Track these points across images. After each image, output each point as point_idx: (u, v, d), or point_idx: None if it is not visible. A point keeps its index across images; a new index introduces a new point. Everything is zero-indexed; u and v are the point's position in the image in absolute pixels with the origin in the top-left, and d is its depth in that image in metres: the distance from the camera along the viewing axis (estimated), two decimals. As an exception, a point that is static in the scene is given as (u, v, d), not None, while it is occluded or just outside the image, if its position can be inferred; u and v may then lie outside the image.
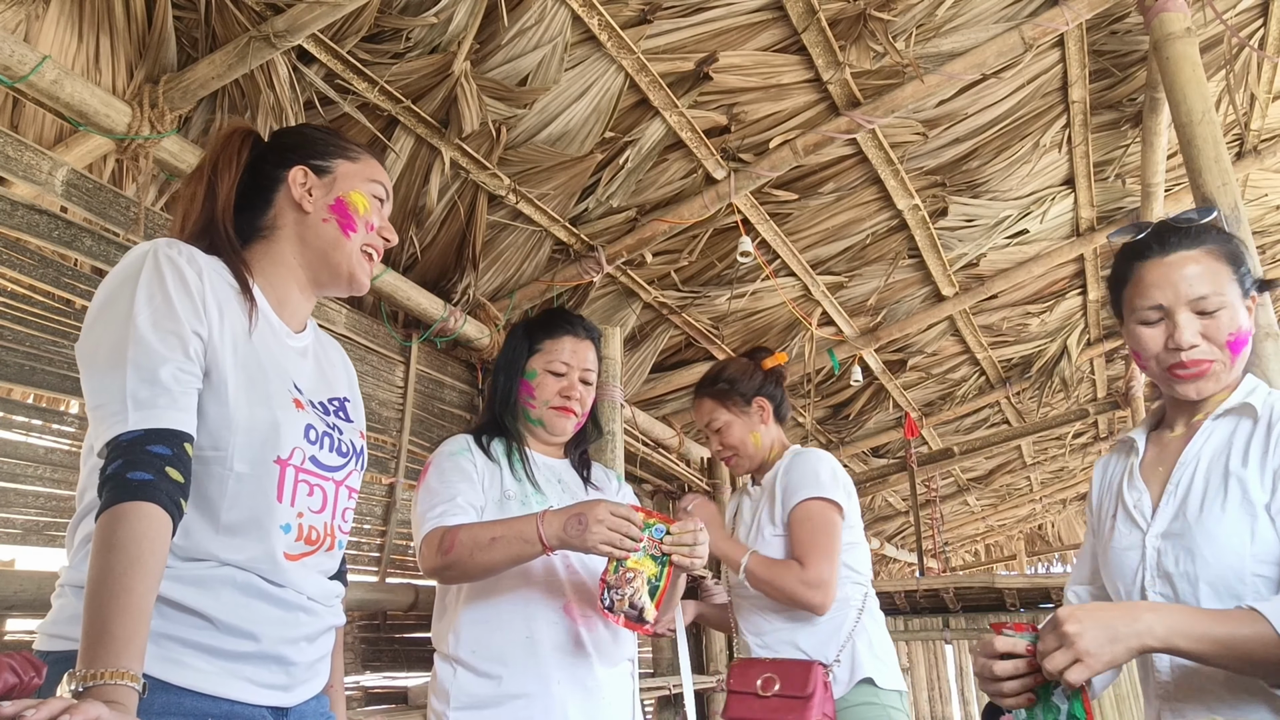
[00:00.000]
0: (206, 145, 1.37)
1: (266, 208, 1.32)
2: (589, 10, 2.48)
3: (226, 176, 1.30)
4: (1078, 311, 5.51)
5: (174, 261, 1.15)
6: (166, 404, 1.07)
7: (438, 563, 1.67)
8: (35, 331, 1.90)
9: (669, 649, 4.58)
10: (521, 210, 3.01)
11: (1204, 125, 2.45)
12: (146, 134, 2.03)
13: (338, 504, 1.29)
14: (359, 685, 2.67)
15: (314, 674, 1.26)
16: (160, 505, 1.02)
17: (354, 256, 1.34)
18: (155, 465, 1.03)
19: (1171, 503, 1.38)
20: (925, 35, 2.98)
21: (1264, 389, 1.40)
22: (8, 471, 1.84)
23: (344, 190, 1.34)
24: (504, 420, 1.93)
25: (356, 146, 1.40)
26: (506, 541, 1.62)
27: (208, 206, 1.29)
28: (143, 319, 1.10)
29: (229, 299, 1.21)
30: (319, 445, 1.25)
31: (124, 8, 2.06)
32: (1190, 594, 1.30)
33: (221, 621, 1.12)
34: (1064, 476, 9.43)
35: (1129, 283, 1.43)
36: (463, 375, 3.38)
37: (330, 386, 1.35)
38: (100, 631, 0.95)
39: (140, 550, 0.99)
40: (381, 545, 2.88)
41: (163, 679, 1.07)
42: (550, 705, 1.67)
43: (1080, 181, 4.14)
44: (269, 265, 1.31)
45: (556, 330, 1.95)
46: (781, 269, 3.97)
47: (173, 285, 1.13)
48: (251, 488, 1.16)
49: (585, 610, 1.77)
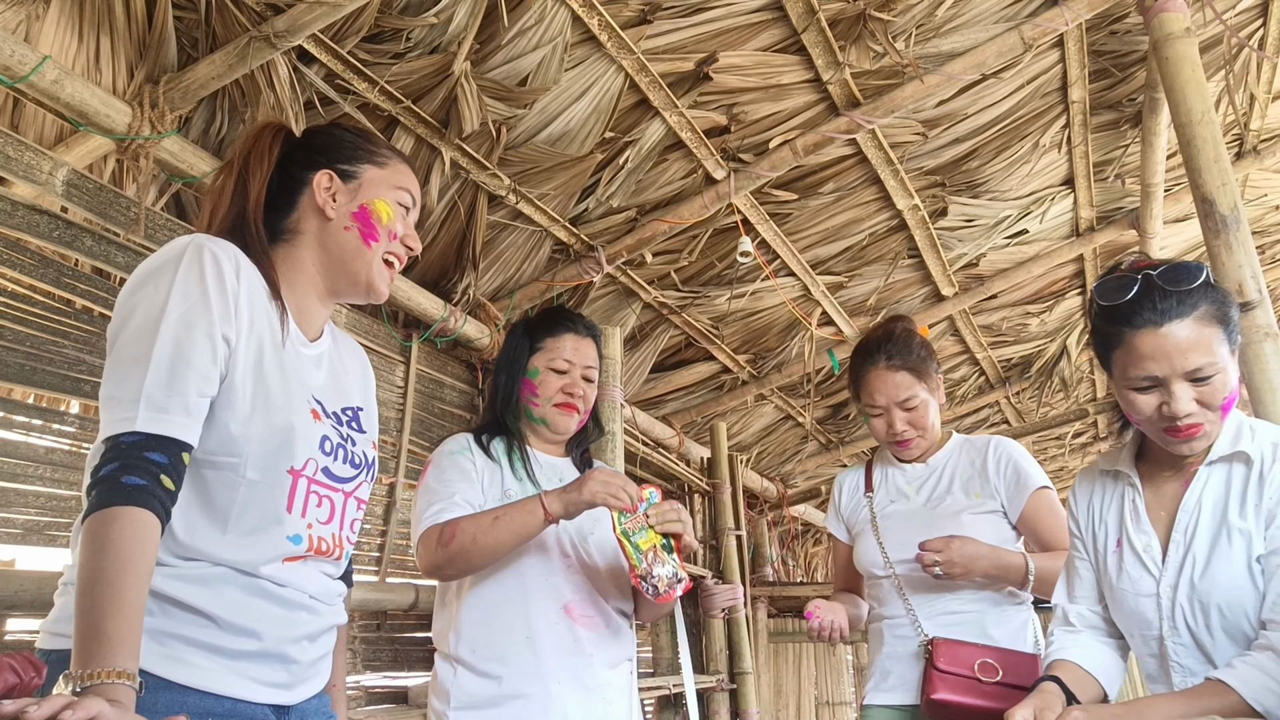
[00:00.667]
0: (238, 140, 1.34)
1: (290, 209, 1.30)
2: (589, 10, 2.48)
3: (259, 173, 1.27)
4: (1077, 311, 5.51)
5: (216, 257, 1.14)
6: (179, 411, 1.06)
7: (438, 557, 1.67)
8: (35, 331, 1.90)
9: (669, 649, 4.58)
10: (521, 210, 3.01)
11: (1204, 125, 2.45)
12: (147, 134, 2.03)
13: (345, 515, 1.28)
14: (359, 685, 2.67)
15: (315, 672, 1.27)
16: (152, 511, 1.01)
17: (374, 265, 1.32)
18: (151, 472, 1.03)
19: (1179, 551, 1.42)
20: (925, 35, 2.98)
21: (1249, 430, 1.42)
22: (8, 471, 1.84)
23: (368, 198, 1.31)
24: (505, 419, 1.93)
25: (387, 151, 1.37)
26: (509, 518, 1.65)
27: (237, 202, 1.26)
28: (175, 315, 1.09)
29: (261, 304, 1.19)
30: (333, 457, 1.24)
31: (124, 8, 2.06)
32: (1210, 644, 1.37)
33: (224, 620, 1.12)
34: (1064, 476, 9.43)
35: (1119, 348, 1.41)
36: (463, 375, 3.38)
37: (345, 395, 1.34)
38: (95, 632, 0.95)
39: (132, 553, 0.98)
40: (381, 545, 2.88)
41: (166, 677, 1.07)
42: (550, 705, 1.67)
43: (1080, 181, 4.14)
44: (289, 270, 1.29)
45: (558, 328, 1.95)
46: (781, 269, 3.97)
47: (212, 282, 1.12)
48: (262, 496, 1.15)
49: (585, 610, 1.77)
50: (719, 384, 4.74)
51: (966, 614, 2.00)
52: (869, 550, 2.11)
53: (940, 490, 2.10)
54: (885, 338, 2.12)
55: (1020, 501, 2.03)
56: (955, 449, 2.16)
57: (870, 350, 2.12)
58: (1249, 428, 1.44)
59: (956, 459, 2.13)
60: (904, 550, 2.03)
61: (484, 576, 1.75)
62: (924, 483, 2.13)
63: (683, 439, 4.74)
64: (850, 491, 2.26)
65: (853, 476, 2.29)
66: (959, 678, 1.84)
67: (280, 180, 1.30)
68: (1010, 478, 2.06)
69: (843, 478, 2.31)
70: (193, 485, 1.13)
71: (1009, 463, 2.07)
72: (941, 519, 2.04)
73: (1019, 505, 2.03)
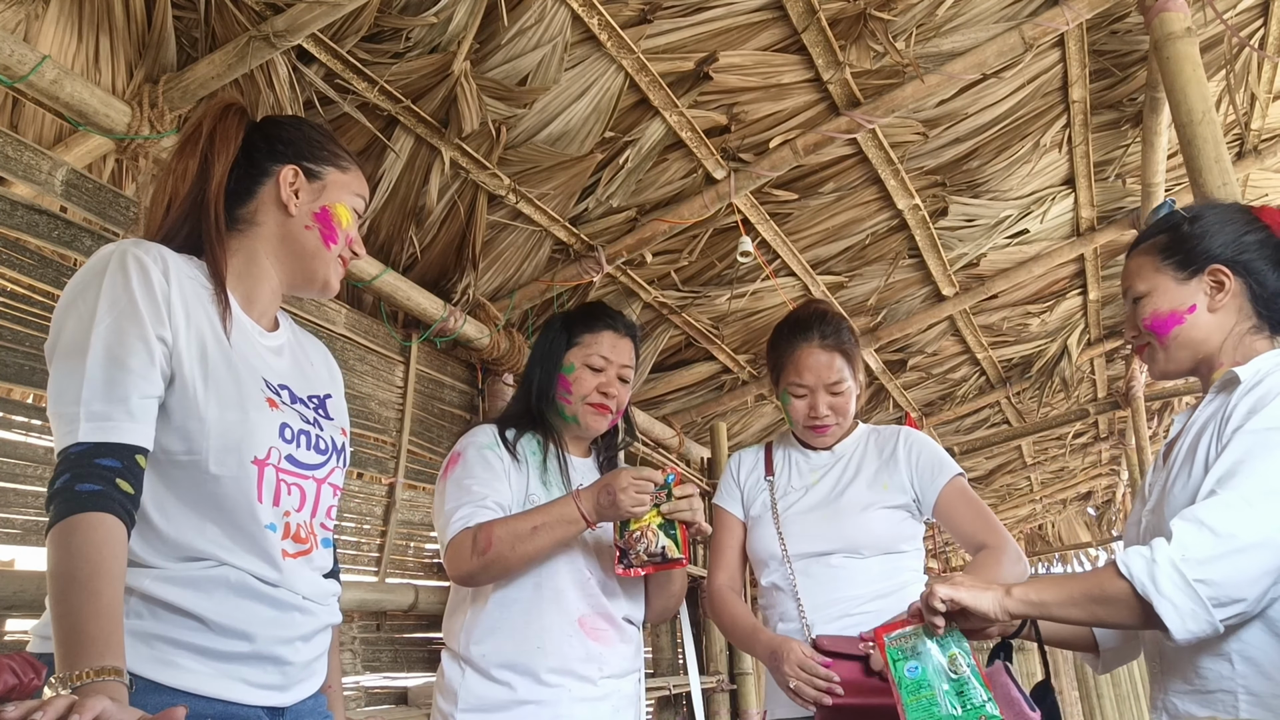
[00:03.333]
0: (194, 118, 1.31)
1: (248, 198, 1.28)
2: (589, 10, 2.48)
3: (224, 155, 1.25)
4: (1078, 311, 5.51)
5: (140, 262, 1.12)
6: (121, 416, 1.05)
7: (473, 565, 1.64)
8: (35, 331, 1.90)
9: (669, 649, 4.58)
10: (521, 210, 3.01)
11: (1204, 125, 2.45)
12: (146, 134, 2.03)
13: (319, 502, 1.27)
14: (359, 685, 2.67)
15: (310, 673, 1.26)
16: (113, 514, 1.00)
17: (332, 265, 1.33)
18: (104, 477, 1.02)
19: (1159, 478, 1.47)
20: (925, 35, 2.98)
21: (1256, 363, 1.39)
22: (8, 471, 1.84)
23: (330, 200, 1.31)
24: (543, 414, 1.88)
25: (348, 155, 1.37)
26: (549, 527, 1.65)
27: (198, 185, 1.24)
28: (105, 325, 1.08)
29: (197, 300, 1.18)
30: (295, 444, 1.23)
31: (124, 8, 2.06)
32: None
33: (215, 622, 1.11)
34: (1064, 476, 9.43)
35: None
36: (463, 375, 3.38)
37: (309, 384, 1.33)
38: (76, 634, 0.94)
39: (101, 555, 0.98)
40: (381, 545, 2.88)
41: (156, 680, 1.06)
42: (558, 714, 1.67)
43: (1080, 181, 4.14)
44: (242, 261, 1.27)
45: (597, 325, 1.89)
46: (781, 269, 3.97)
47: (138, 287, 1.11)
48: (231, 489, 1.14)
49: (597, 623, 1.76)
50: (719, 384, 4.73)
51: (864, 615, 1.83)
52: (766, 539, 1.97)
53: (845, 480, 1.98)
54: (818, 316, 1.99)
55: (934, 492, 1.94)
56: (862, 438, 2.05)
57: (802, 327, 1.97)
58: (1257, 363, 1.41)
59: (864, 449, 2.03)
60: (802, 542, 1.92)
61: (500, 584, 1.74)
62: (828, 471, 2.01)
63: (683, 439, 4.74)
64: (749, 471, 2.10)
65: (751, 456, 2.13)
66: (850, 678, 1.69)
67: (241, 166, 1.28)
68: (923, 468, 1.95)
69: (740, 455, 2.15)
70: (167, 485, 1.12)
71: (920, 453, 1.97)
72: (846, 513, 1.93)
73: (932, 496, 1.94)
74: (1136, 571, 1.21)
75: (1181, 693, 1.35)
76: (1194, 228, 1.48)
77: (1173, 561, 1.19)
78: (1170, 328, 1.47)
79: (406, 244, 2.90)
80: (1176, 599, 1.18)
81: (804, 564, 1.92)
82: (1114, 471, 9.34)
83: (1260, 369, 1.35)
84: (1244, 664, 1.28)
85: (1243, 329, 1.43)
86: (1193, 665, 1.33)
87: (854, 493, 1.95)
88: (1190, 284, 1.46)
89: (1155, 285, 1.48)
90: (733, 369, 4.55)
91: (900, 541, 1.93)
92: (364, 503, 2.84)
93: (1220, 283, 1.43)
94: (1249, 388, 1.33)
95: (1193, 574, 1.18)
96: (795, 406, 1.98)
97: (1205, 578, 1.17)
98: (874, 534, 1.90)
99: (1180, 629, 1.19)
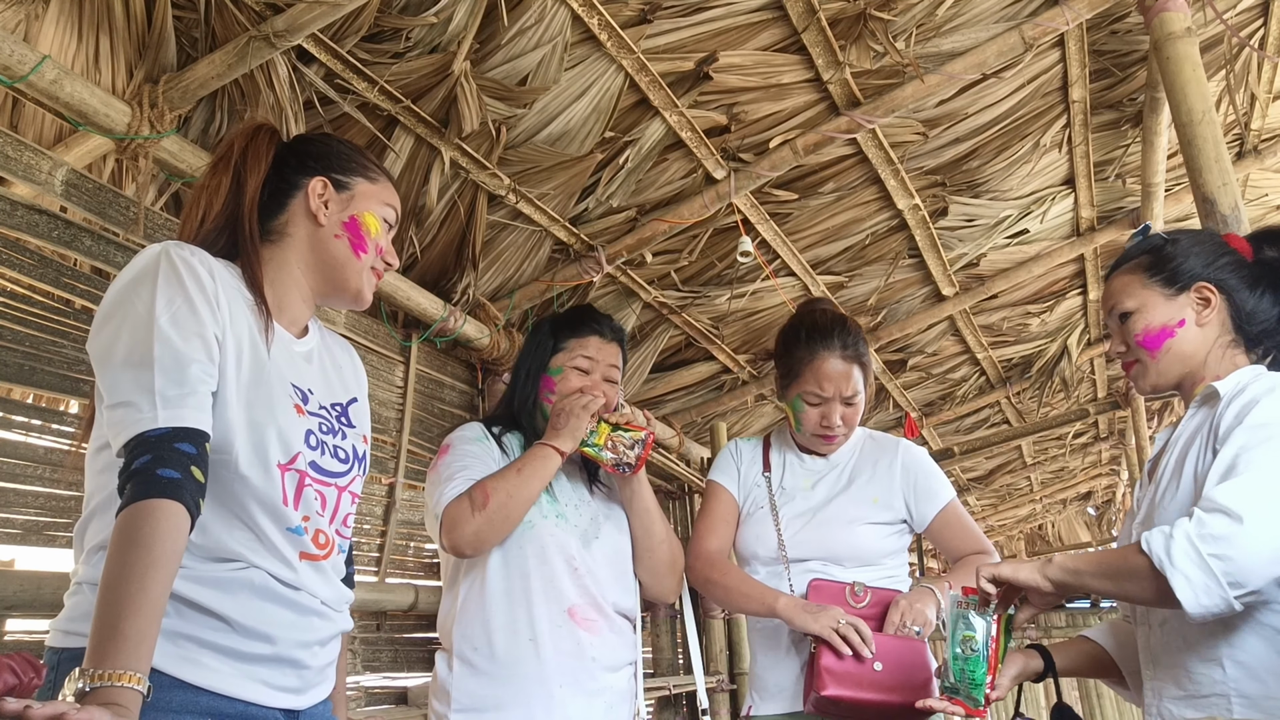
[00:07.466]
0: (226, 138, 1.37)
1: (279, 211, 1.33)
2: (589, 10, 2.48)
3: (256, 172, 1.30)
4: (1078, 311, 5.52)
5: (188, 262, 1.17)
6: (194, 404, 1.09)
7: (477, 522, 1.66)
8: (35, 331, 1.90)
9: (669, 649, 4.59)
10: (521, 210, 3.01)
11: (1204, 125, 2.45)
12: (146, 134, 2.03)
13: (339, 510, 1.29)
14: (359, 685, 2.67)
15: (324, 678, 1.29)
16: (184, 505, 1.03)
17: (363, 275, 1.36)
18: (183, 464, 1.04)
19: (1148, 492, 1.52)
20: (925, 35, 2.98)
21: (1236, 377, 1.44)
22: (8, 471, 1.84)
23: (359, 210, 1.35)
24: (521, 420, 1.91)
25: (378, 168, 1.41)
26: (531, 467, 1.73)
27: (232, 201, 1.29)
28: (165, 319, 1.11)
29: (238, 303, 1.22)
30: (319, 451, 1.26)
31: (124, 8, 2.06)
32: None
33: (239, 624, 1.13)
34: (1064, 476, 9.44)
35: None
36: (463, 375, 3.38)
37: (334, 391, 1.36)
38: (112, 630, 0.95)
39: (163, 550, 0.99)
40: (381, 545, 2.88)
41: (180, 678, 1.08)
42: (552, 708, 1.67)
43: (1080, 181, 4.14)
44: (274, 270, 1.31)
45: (583, 329, 1.91)
46: (781, 269, 3.97)
47: (191, 286, 1.15)
48: (258, 492, 1.17)
49: (588, 614, 1.76)
50: (719, 384, 4.73)
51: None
52: (765, 535, 1.96)
53: (839, 487, 1.99)
54: (839, 324, 1.97)
55: (930, 515, 1.97)
56: (858, 444, 2.05)
57: (823, 334, 1.94)
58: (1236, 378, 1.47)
59: (858, 456, 2.03)
60: (793, 545, 1.93)
61: (489, 576, 1.74)
62: (822, 477, 2.01)
63: (683, 439, 4.74)
64: (749, 462, 2.09)
65: (750, 448, 2.12)
66: (849, 673, 1.71)
67: (272, 182, 1.33)
68: (920, 492, 1.98)
69: (740, 444, 2.13)
70: None
71: (918, 476, 1.98)
72: (831, 523, 1.93)
73: (927, 518, 1.98)
74: (1155, 546, 1.25)
75: (1175, 698, 1.38)
76: (1176, 248, 1.54)
77: (1189, 536, 1.22)
78: (1162, 341, 1.52)
79: (406, 244, 2.90)
80: (1190, 572, 1.20)
81: (798, 567, 1.93)
82: (1114, 471, 9.35)
83: (1240, 380, 1.41)
84: (1235, 668, 1.31)
85: (1224, 343, 1.50)
86: (1185, 670, 1.36)
87: (841, 505, 1.96)
88: (1179, 299, 1.51)
89: (1145, 301, 1.54)
90: (733, 369, 4.55)
91: (883, 556, 1.95)
92: (364, 503, 2.84)
93: (1206, 299, 1.50)
94: (1231, 398, 1.38)
95: (1208, 549, 1.20)
96: (808, 414, 1.96)
97: (1220, 553, 1.20)
98: (856, 547, 1.92)
99: (1193, 603, 1.21)
